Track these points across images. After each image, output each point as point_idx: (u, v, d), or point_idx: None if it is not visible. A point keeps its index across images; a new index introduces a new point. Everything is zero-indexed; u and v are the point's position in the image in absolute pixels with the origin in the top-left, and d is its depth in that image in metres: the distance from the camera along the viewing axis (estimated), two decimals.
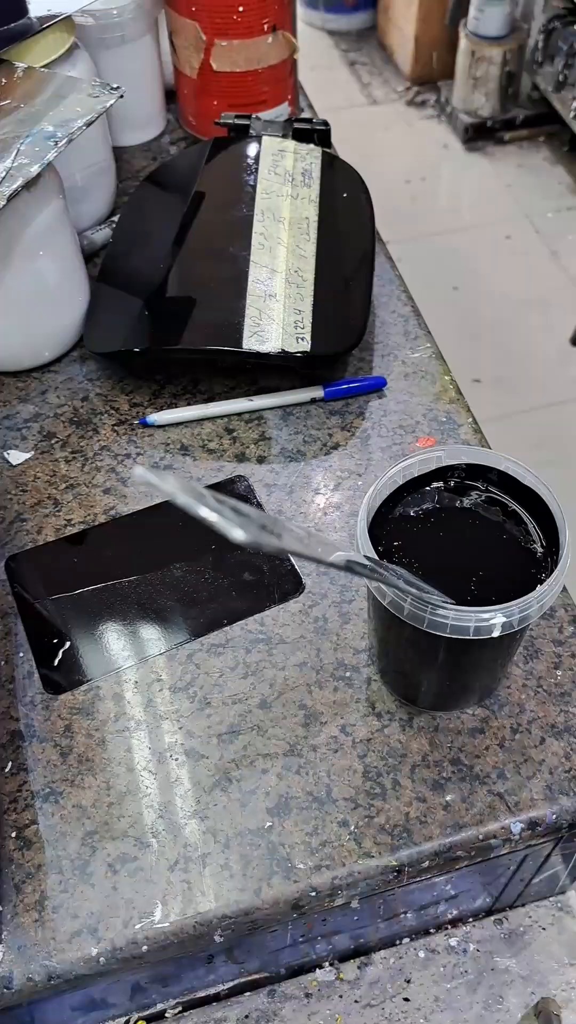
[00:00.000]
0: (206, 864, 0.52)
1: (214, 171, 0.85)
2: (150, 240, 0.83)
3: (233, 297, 0.74)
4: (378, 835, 0.53)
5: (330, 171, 0.86)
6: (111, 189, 0.93)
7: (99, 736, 0.57)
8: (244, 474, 0.71)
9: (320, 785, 0.54)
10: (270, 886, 0.51)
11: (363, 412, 0.75)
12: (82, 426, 0.75)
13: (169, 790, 0.55)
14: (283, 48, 0.95)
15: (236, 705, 0.58)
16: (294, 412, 0.75)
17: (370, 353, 0.80)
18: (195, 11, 0.91)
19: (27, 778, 0.55)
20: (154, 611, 0.63)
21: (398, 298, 0.85)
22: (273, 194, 0.81)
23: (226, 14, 0.90)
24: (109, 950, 0.49)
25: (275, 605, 0.63)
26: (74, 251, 0.79)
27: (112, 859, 0.52)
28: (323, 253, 0.78)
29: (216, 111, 0.96)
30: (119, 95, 0.74)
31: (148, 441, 0.73)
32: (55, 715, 0.58)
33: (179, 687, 0.59)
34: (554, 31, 2.54)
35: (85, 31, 0.91)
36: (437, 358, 0.79)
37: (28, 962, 0.49)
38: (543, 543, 0.51)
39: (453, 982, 0.64)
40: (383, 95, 3.04)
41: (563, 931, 0.67)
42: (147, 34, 0.96)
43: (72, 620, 0.62)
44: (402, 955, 0.65)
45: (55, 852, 0.52)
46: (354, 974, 0.64)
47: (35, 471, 0.72)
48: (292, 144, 0.85)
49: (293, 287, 0.75)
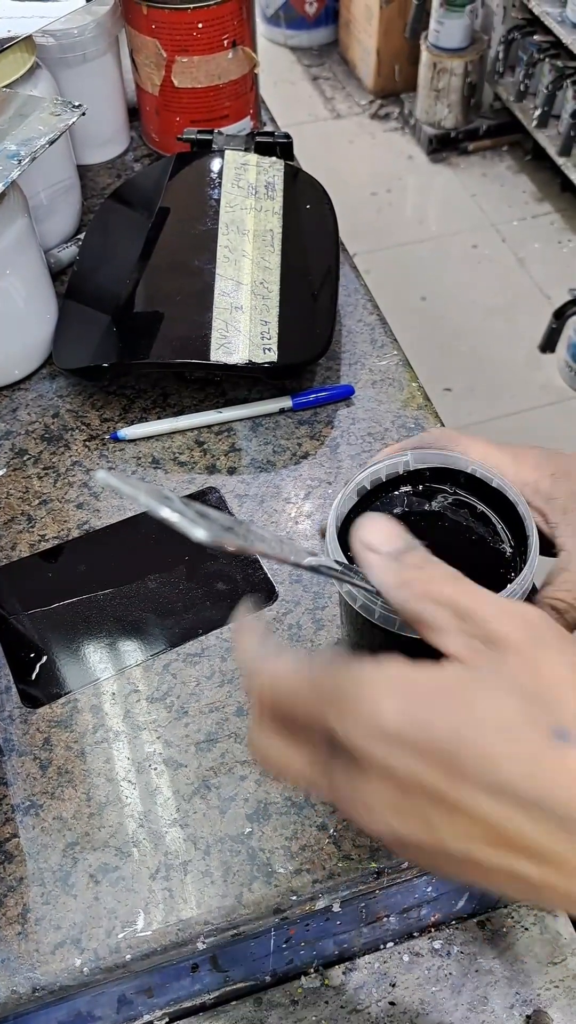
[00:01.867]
0: (187, 871, 0.52)
1: (178, 186, 0.85)
2: (116, 256, 0.83)
3: (200, 310, 0.75)
4: (357, 838, 0.53)
5: (293, 183, 0.86)
6: (76, 207, 0.94)
7: (78, 748, 0.57)
8: (215, 485, 0.71)
9: (298, 790, 0.55)
10: (251, 891, 0.51)
11: (332, 421, 0.76)
12: (54, 442, 0.75)
13: (149, 799, 0.55)
14: (243, 63, 0.96)
15: (213, 713, 0.58)
16: (263, 423, 0.76)
17: (337, 362, 0.81)
18: (155, 28, 0.92)
19: (7, 792, 0.55)
20: (130, 623, 0.63)
21: (364, 307, 0.86)
22: (237, 207, 0.82)
23: (186, 31, 0.91)
24: (93, 960, 0.49)
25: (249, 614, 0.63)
26: (41, 269, 0.79)
27: (94, 869, 0.52)
28: (288, 264, 0.79)
29: (179, 127, 0.97)
30: (81, 113, 0.74)
31: (120, 455, 0.74)
32: (34, 728, 0.58)
33: (156, 697, 0.59)
34: (514, 41, 2.57)
35: (46, 50, 0.92)
36: (404, 365, 0.80)
37: (12, 975, 0.49)
38: (511, 543, 0.52)
39: (438, 985, 0.64)
40: (346, 109, 3.07)
41: (545, 931, 0.67)
42: (108, 52, 0.97)
43: (48, 634, 0.63)
44: (386, 959, 0.65)
45: (36, 864, 0.52)
46: (339, 980, 0.64)
47: (8, 488, 0.72)
48: (255, 157, 0.86)
49: (259, 298, 0.76)
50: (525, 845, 0.33)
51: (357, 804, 0.35)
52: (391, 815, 0.35)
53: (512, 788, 0.33)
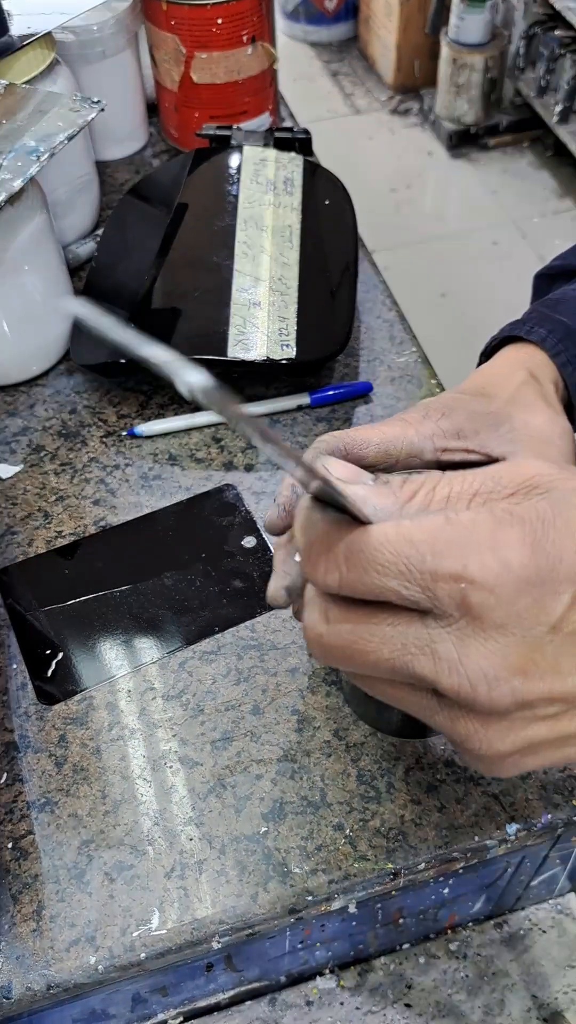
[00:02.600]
0: (202, 870, 0.52)
1: (196, 182, 0.85)
2: (134, 252, 0.83)
3: (217, 306, 0.75)
4: (373, 838, 0.53)
5: (311, 179, 0.86)
6: (94, 203, 0.94)
7: (93, 745, 0.57)
8: (232, 483, 0.71)
9: (314, 789, 0.55)
10: (267, 891, 0.51)
11: (350, 418, 0.75)
12: (71, 438, 0.75)
13: (164, 797, 0.55)
14: (263, 59, 0.96)
15: (229, 712, 0.58)
16: (281, 419, 0.76)
17: (356, 359, 0.80)
18: (174, 24, 0.91)
19: (22, 789, 0.55)
20: (146, 620, 0.63)
21: (382, 303, 0.85)
22: (255, 203, 0.81)
23: (205, 27, 0.91)
24: (107, 958, 0.49)
25: (266, 612, 0.63)
26: (59, 265, 0.79)
27: (109, 867, 0.52)
28: (306, 260, 0.79)
29: (197, 123, 0.97)
30: (100, 109, 0.74)
31: (136, 452, 0.74)
32: (49, 726, 0.58)
33: (172, 695, 0.59)
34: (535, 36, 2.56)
35: (66, 47, 0.92)
36: (423, 362, 0.80)
37: (27, 972, 0.49)
38: None
39: (454, 987, 0.64)
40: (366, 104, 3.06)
41: (563, 933, 0.67)
42: (127, 48, 0.97)
43: (64, 631, 0.63)
44: (402, 961, 0.65)
45: (52, 862, 0.52)
46: (355, 981, 0.64)
47: (25, 484, 0.72)
48: (273, 153, 0.86)
49: (277, 295, 0.75)
50: None
51: (473, 673, 0.33)
52: (516, 673, 0.33)
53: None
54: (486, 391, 0.53)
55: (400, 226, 2.60)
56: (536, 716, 0.35)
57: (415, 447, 0.49)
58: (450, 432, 0.50)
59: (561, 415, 0.52)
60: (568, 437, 0.51)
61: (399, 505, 0.35)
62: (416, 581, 0.33)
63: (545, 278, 0.67)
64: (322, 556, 0.35)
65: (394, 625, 0.34)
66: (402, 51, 2.94)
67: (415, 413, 0.51)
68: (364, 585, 0.34)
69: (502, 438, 0.50)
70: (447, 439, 0.50)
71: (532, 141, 2.83)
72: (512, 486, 0.35)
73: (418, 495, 0.35)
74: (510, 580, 0.32)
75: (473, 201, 2.68)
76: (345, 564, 0.34)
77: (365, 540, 0.33)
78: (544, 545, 0.32)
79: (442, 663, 0.33)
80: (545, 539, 0.33)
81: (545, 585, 0.32)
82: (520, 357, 0.56)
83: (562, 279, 0.65)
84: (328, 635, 0.36)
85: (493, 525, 0.33)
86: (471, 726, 0.35)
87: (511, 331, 0.58)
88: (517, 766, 0.36)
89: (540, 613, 0.33)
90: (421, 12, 2.81)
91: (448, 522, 0.33)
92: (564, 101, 2.47)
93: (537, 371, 0.54)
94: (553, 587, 0.33)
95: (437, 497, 0.35)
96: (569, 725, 0.35)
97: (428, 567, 0.32)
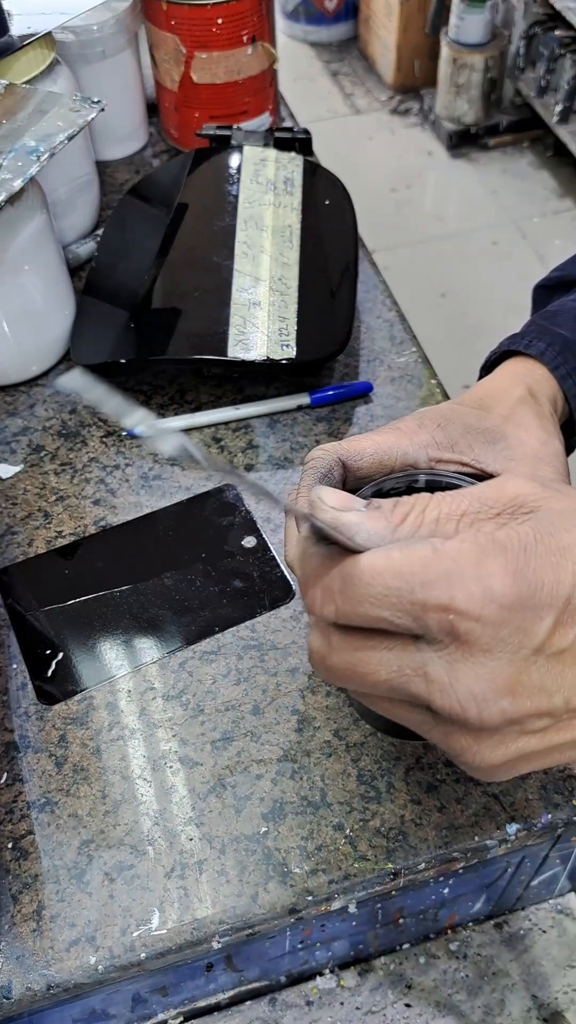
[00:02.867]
0: (203, 870, 0.52)
1: (196, 182, 0.85)
2: (134, 252, 0.83)
3: (217, 306, 0.75)
4: (373, 838, 0.53)
5: (312, 179, 0.86)
6: (95, 203, 0.94)
7: (93, 745, 0.57)
8: (232, 483, 0.71)
9: (315, 789, 0.55)
10: (267, 891, 0.51)
11: (350, 418, 0.75)
12: (71, 438, 0.75)
13: (164, 797, 0.55)
14: (263, 59, 0.96)
15: (229, 712, 0.58)
16: (281, 420, 0.76)
17: (356, 359, 0.80)
18: (174, 24, 0.91)
19: (22, 789, 0.55)
20: (146, 620, 0.63)
21: (382, 303, 0.85)
22: (255, 203, 0.81)
23: (205, 26, 0.91)
24: (107, 958, 0.49)
25: (266, 611, 0.63)
26: (59, 265, 0.79)
27: (109, 867, 0.52)
28: (306, 260, 0.79)
29: (197, 123, 0.97)
30: (100, 109, 0.74)
31: (136, 452, 0.74)
32: (49, 726, 0.58)
33: (172, 695, 0.59)
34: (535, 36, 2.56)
35: (66, 47, 0.92)
36: (423, 362, 0.80)
37: (27, 972, 0.49)
38: None
39: (454, 987, 0.64)
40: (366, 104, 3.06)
41: (563, 933, 0.67)
42: (127, 48, 0.97)
43: (65, 631, 0.63)
44: (402, 961, 0.65)
45: (52, 862, 0.52)
46: (355, 981, 0.64)
47: (25, 484, 0.72)
48: (273, 153, 0.86)
49: (277, 295, 0.75)
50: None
51: (463, 695, 0.35)
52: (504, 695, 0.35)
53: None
54: (484, 404, 0.54)
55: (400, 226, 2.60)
56: (525, 730, 0.36)
57: (409, 457, 0.49)
58: (444, 444, 0.50)
59: (554, 437, 0.53)
60: (560, 459, 0.52)
61: (391, 529, 0.37)
62: (407, 612, 0.35)
63: (544, 290, 0.68)
64: (318, 589, 0.37)
65: (390, 649, 0.36)
66: (402, 51, 2.94)
67: (410, 422, 0.51)
68: (359, 616, 0.36)
69: (497, 455, 0.51)
70: (441, 450, 0.50)
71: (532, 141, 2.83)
72: (498, 506, 0.37)
73: (409, 517, 0.37)
74: (494, 609, 0.34)
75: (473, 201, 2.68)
76: (340, 597, 0.36)
77: (357, 575, 0.35)
78: (526, 573, 0.34)
79: (434, 685, 0.35)
80: (527, 567, 0.34)
81: (527, 611, 0.34)
82: (519, 371, 0.56)
83: (561, 290, 0.66)
84: (331, 659, 0.38)
85: (478, 554, 0.34)
86: (464, 741, 0.37)
87: (510, 345, 0.58)
88: (510, 772, 0.38)
89: (524, 637, 0.34)
90: (421, 12, 2.81)
91: (435, 553, 0.35)
92: (564, 101, 2.47)
93: (536, 387, 0.55)
94: (536, 612, 0.34)
95: (427, 519, 0.37)
96: (557, 736, 0.37)
97: (418, 599, 0.34)
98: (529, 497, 0.37)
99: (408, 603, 0.34)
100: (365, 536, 0.37)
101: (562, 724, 0.37)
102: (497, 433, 0.51)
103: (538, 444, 0.52)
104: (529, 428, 0.52)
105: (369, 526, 0.37)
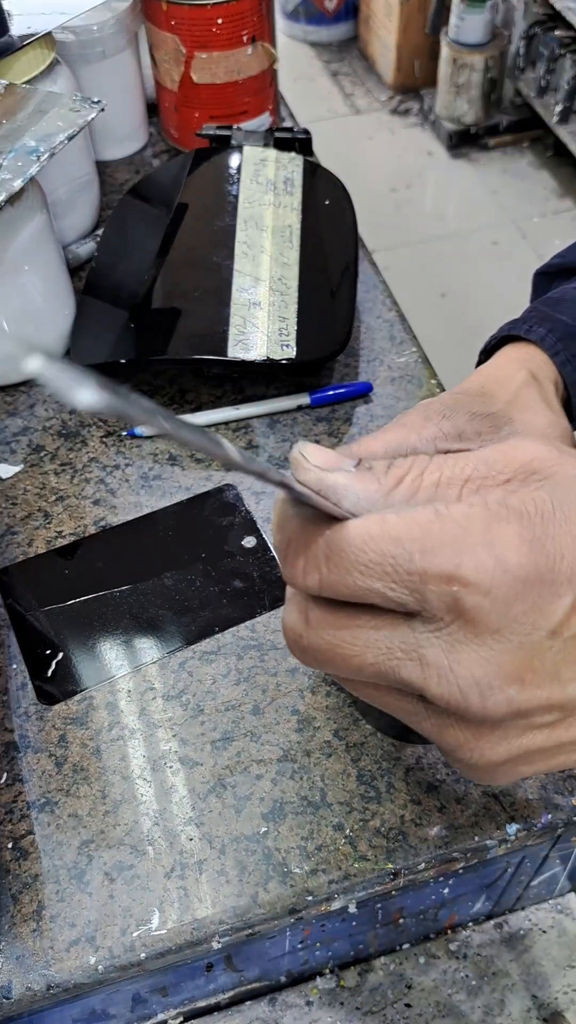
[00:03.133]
0: (202, 870, 0.52)
1: (196, 182, 0.85)
2: (134, 252, 0.83)
3: (217, 306, 0.75)
4: (373, 838, 0.53)
5: (312, 179, 0.86)
6: (95, 203, 0.94)
7: (93, 745, 0.57)
8: (232, 483, 0.71)
9: (314, 789, 0.55)
10: (267, 891, 0.51)
11: (350, 418, 0.75)
12: (70, 438, 0.75)
13: (164, 797, 0.55)
14: (263, 59, 0.96)
15: (229, 712, 0.58)
16: (281, 420, 0.76)
17: (356, 359, 0.80)
18: (174, 24, 0.91)
19: (22, 789, 0.55)
20: (146, 620, 0.63)
21: (382, 303, 0.85)
22: (255, 203, 0.81)
23: (205, 26, 0.91)
24: (107, 958, 0.49)
25: (266, 611, 0.63)
26: (59, 265, 0.79)
27: (109, 867, 0.52)
28: (306, 260, 0.79)
29: (197, 123, 0.97)
30: (100, 109, 0.74)
31: (136, 452, 0.74)
32: (49, 726, 0.58)
33: (172, 695, 0.59)
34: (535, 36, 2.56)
35: (66, 47, 0.92)
36: (423, 362, 0.80)
37: (27, 972, 0.49)
38: None
39: (454, 987, 0.64)
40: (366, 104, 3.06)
41: (563, 933, 0.67)
42: (127, 49, 0.97)
43: (64, 631, 0.63)
44: (402, 961, 0.65)
45: (52, 862, 0.52)
46: (355, 981, 0.64)
47: (25, 484, 0.72)
48: (273, 153, 0.86)
49: (277, 295, 0.75)
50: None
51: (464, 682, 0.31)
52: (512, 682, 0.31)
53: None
54: (487, 391, 0.53)
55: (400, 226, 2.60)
56: (532, 725, 0.33)
57: (418, 452, 0.48)
58: (451, 434, 0.49)
59: (562, 417, 0.52)
60: (568, 439, 0.51)
61: (384, 493, 0.33)
62: (403, 582, 0.31)
63: (545, 276, 0.67)
64: (300, 555, 0.32)
65: (378, 628, 0.32)
66: (402, 51, 2.94)
67: (416, 416, 0.50)
68: (346, 587, 0.32)
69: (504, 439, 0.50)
70: (448, 441, 0.49)
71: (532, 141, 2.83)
72: (508, 471, 0.33)
73: (405, 481, 0.33)
74: (507, 581, 0.30)
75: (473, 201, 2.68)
76: (325, 564, 0.32)
77: (347, 538, 0.31)
78: (544, 542, 0.30)
79: (430, 669, 0.31)
80: (545, 535, 0.30)
81: (545, 586, 0.30)
82: (520, 356, 0.56)
83: (562, 277, 0.65)
84: (308, 637, 0.34)
85: (488, 520, 0.30)
86: (461, 735, 0.33)
87: (510, 330, 0.58)
88: (509, 775, 0.35)
89: (539, 617, 0.31)
90: (421, 12, 2.81)
91: (438, 516, 0.31)
92: (564, 101, 2.47)
93: (537, 371, 0.54)
94: (553, 588, 0.30)
95: (426, 483, 0.33)
96: (566, 733, 0.34)
97: (416, 567, 0.30)
98: (544, 462, 0.32)
99: (405, 572, 0.30)
100: (354, 500, 0.32)
101: (573, 720, 0.33)
102: (503, 418, 0.49)
103: (546, 424, 0.50)
104: (536, 410, 0.50)
105: (359, 488, 0.32)
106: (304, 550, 0.32)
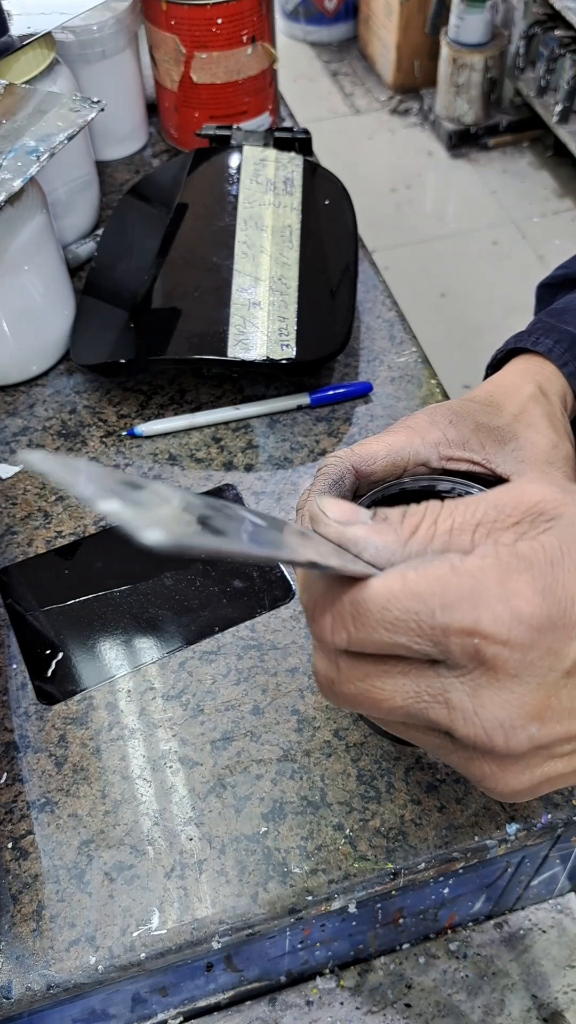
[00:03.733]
0: (202, 870, 0.52)
1: (196, 182, 0.85)
2: (134, 252, 0.83)
3: (217, 306, 0.75)
4: (373, 838, 0.53)
5: (311, 179, 0.86)
6: (95, 203, 0.94)
7: (93, 745, 0.57)
8: (232, 483, 0.71)
9: (314, 789, 0.55)
10: (266, 891, 0.51)
11: (350, 418, 0.75)
12: (71, 438, 0.75)
13: (164, 797, 0.55)
14: (263, 59, 0.96)
15: (229, 712, 0.58)
16: (281, 419, 0.76)
17: (355, 359, 0.80)
18: (174, 24, 0.91)
19: (22, 789, 0.55)
20: (146, 620, 0.63)
21: (382, 303, 0.85)
22: (255, 203, 0.81)
23: (205, 27, 0.91)
24: (107, 958, 0.49)
25: (266, 611, 0.63)
26: (59, 265, 0.79)
27: (109, 867, 0.52)
28: (306, 260, 0.79)
29: (197, 123, 0.97)
30: (100, 109, 0.74)
31: (136, 452, 0.74)
32: (49, 726, 0.58)
33: (172, 695, 0.59)
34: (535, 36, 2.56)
35: (66, 47, 0.92)
36: (423, 362, 0.80)
37: (27, 972, 0.49)
38: None
39: (454, 987, 0.64)
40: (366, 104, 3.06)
41: (563, 934, 0.67)
42: (127, 48, 0.97)
43: (64, 631, 0.63)
44: (402, 961, 0.65)
45: (52, 862, 0.52)
46: (355, 981, 0.64)
47: (24, 484, 0.72)
48: (273, 153, 0.86)
49: (277, 294, 0.75)
50: None
51: (488, 723, 0.33)
52: (532, 721, 0.33)
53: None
54: (494, 400, 0.53)
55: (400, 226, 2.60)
56: (553, 755, 0.35)
57: (421, 455, 0.48)
58: (456, 441, 0.49)
59: (565, 439, 0.52)
60: (570, 462, 0.51)
61: (401, 542, 0.34)
62: (427, 636, 0.32)
63: (548, 288, 0.67)
64: (327, 615, 0.34)
65: (405, 674, 0.34)
66: (402, 51, 2.94)
67: (421, 419, 0.50)
68: (374, 643, 0.33)
69: (508, 456, 0.50)
70: (452, 448, 0.49)
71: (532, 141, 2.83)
72: (516, 514, 0.35)
73: (420, 529, 0.35)
74: (523, 631, 0.32)
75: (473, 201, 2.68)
76: (352, 623, 0.33)
77: (371, 598, 0.33)
78: (554, 589, 0.32)
79: (456, 712, 0.33)
80: (555, 582, 0.32)
81: (558, 631, 0.32)
82: (528, 368, 0.56)
83: (565, 288, 0.65)
84: (340, 685, 0.36)
85: (501, 572, 0.32)
86: (487, 768, 0.35)
87: (517, 343, 0.58)
88: (533, 794, 0.37)
89: (554, 660, 0.33)
90: (421, 12, 2.81)
91: (454, 571, 0.32)
92: (564, 101, 2.47)
93: (545, 384, 0.54)
94: (566, 632, 0.32)
95: (440, 530, 0.35)
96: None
97: (439, 622, 0.32)
98: (550, 504, 0.35)
99: (428, 628, 0.32)
100: (373, 551, 0.34)
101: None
102: (508, 433, 0.50)
103: (549, 446, 0.50)
104: (540, 429, 0.51)
105: (378, 540, 0.34)
106: (330, 609, 0.34)
